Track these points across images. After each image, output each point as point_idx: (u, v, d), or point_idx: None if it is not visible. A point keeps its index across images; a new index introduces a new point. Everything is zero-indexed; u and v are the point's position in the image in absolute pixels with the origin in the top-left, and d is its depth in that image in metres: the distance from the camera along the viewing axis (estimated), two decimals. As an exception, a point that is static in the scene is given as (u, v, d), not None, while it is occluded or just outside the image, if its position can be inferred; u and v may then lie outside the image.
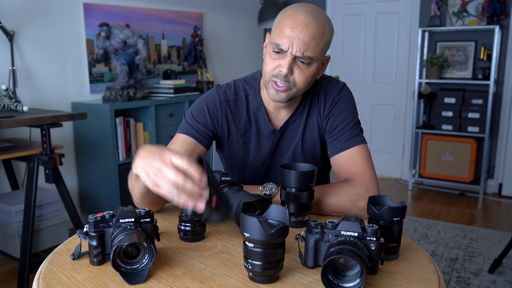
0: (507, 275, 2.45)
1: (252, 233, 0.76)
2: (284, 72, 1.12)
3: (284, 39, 1.11)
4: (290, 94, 1.18)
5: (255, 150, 1.33)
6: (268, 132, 1.31)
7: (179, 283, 0.80)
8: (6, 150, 2.17)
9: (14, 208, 2.29)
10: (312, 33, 1.10)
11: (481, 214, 3.49)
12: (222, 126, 1.29)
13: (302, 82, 1.16)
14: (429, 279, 0.83)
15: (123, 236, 0.80)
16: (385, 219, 0.90)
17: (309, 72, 1.15)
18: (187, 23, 3.82)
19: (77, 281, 0.81)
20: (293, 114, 1.29)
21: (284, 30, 1.11)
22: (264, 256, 0.77)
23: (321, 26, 1.12)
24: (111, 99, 2.97)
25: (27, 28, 2.71)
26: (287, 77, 1.14)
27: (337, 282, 0.77)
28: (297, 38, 1.10)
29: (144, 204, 1.09)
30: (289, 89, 1.16)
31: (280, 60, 1.14)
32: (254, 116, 1.30)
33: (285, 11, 1.16)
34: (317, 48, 1.12)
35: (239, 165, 1.36)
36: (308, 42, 1.10)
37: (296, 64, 1.14)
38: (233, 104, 1.30)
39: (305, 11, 1.12)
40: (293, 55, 1.11)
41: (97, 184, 2.99)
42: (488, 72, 3.72)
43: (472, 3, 3.80)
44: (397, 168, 4.44)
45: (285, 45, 1.11)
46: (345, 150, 1.22)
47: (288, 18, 1.12)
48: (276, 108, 1.28)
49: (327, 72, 4.62)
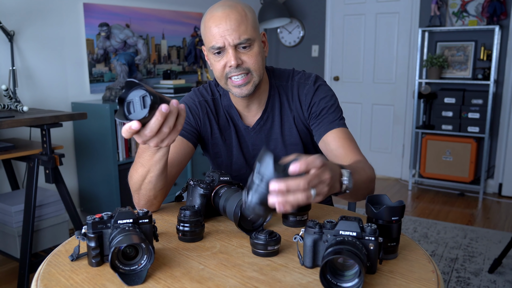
0: (507, 275, 2.45)
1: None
2: (234, 64, 1.16)
3: (216, 37, 1.16)
4: (252, 83, 1.21)
5: (237, 147, 1.35)
6: (244, 129, 1.33)
7: (178, 283, 0.80)
8: (6, 150, 2.17)
9: (14, 208, 2.29)
10: (235, 19, 1.15)
11: (481, 214, 3.49)
12: (205, 125, 1.33)
13: (255, 64, 1.19)
14: (428, 278, 0.83)
15: (122, 237, 0.80)
16: (384, 218, 0.90)
17: (254, 52, 1.19)
18: (187, 23, 3.82)
19: (76, 282, 0.81)
20: (265, 111, 1.31)
21: (211, 31, 1.17)
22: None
23: (240, 10, 1.17)
24: (111, 99, 2.97)
25: (27, 28, 2.71)
26: (240, 66, 1.17)
27: (336, 282, 0.77)
28: (226, 30, 1.15)
29: (152, 191, 1.09)
30: (248, 77, 1.19)
31: (223, 59, 1.18)
32: (229, 114, 1.34)
33: (204, 17, 1.21)
34: (248, 29, 1.17)
35: (225, 164, 1.38)
36: (237, 28, 1.15)
37: (240, 52, 1.18)
38: (211, 103, 1.34)
39: (220, 6, 1.18)
40: (232, 45, 1.15)
41: (97, 184, 2.99)
42: (488, 72, 3.72)
43: (472, 3, 3.80)
44: (397, 168, 4.44)
45: (220, 42, 1.16)
46: (331, 130, 1.24)
47: (209, 20, 1.18)
48: (244, 106, 1.31)
49: (327, 72, 4.62)
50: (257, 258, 0.90)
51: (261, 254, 0.91)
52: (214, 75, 1.25)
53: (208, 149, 1.38)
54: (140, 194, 1.11)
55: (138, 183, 1.09)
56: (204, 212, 1.09)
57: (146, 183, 1.07)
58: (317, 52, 4.67)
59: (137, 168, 1.07)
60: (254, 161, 1.34)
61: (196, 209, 1.00)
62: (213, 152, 1.37)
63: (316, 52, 4.67)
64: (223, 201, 1.04)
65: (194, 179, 1.12)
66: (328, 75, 4.63)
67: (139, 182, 1.08)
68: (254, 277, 0.83)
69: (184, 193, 1.23)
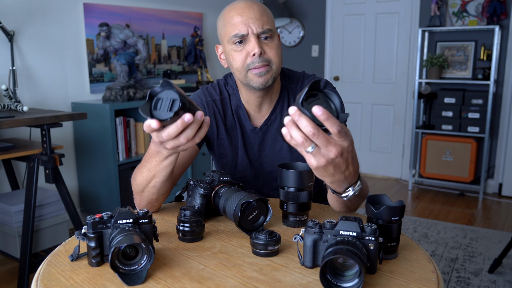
0: (507, 275, 2.45)
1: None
2: (257, 51, 1.16)
3: (239, 26, 1.16)
4: (272, 74, 1.20)
5: (242, 148, 1.34)
6: (250, 130, 1.32)
7: (178, 283, 0.80)
8: (6, 150, 2.17)
9: (14, 208, 2.29)
10: (258, 9, 1.17)
11: (481, 214, 3.49)
12: (211, 125, 1.32)
13: (275, 56, 1.19)
14: (428, 278, 0.83)
15: (122, 237, 0.80)
16: (384, 218, 0.90)
17: (276, 45, 1.20)
18: (187, 23, 3.82)
19: (76, 282, 0.80)
20: (273, 112, 1.31)
21: (233, 20, 1.17)
22: None
23: (261, 4, 1.20)
24: (111, 99, 2.97)
25: (27, 28, 2.71)
26: (262, 56, 1.17)
27: (336, 282, 0.77)
28: (250, 18, 1.15)
29: (155, 195, 1.10)
30: (269, 68, 1.19)
31: (245, 47, 1.18)
32: (236, 114, 1.33)
33: (223, 12, 1.22)
34: (270, 20, 1.18)
35: (229, 165, 1.37)
36: (260, 17, 1.16)
37: (262, 42, 1.18)
38: (219, 103, 1.32)
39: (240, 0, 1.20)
40: (256, 33, 1.16)
41: (97, 184, 2.99)
42: (488, 72, 3.72)
43: (472, 3, 3.80)
44: (397, 168, 4.44)
45: (244, 29, 1.16)
46: None
47: (230, 12, 1.18)
48: (256, 105, 1.29)
49: (327, 72, 4.62)
50: (257, 258, 0.90)
51: (261, 254, 0.91)
52: (233, 68, 1.23)
53: (213, 149, 1.37)
54: (142, 196, 1.11)
55: (141, 186, 1.08)
56: (204, 212, 1.09)
57: (150, 187, 1.07)
58: (317, 52, 4.67)
59: (142, 171, 1.06)
60: (258, 163, 1.35)
61: (196, 209, 1.00)
62: (218, 152, 1.36)
63: (316, 52, 4.67)
64: (223, 201, 1.04)
65: (194, 179, 1.12)
66: (328, 75, 4.63)
67: (143, 185, 1.08)
68: (254, 277, 0.83)
69: (184, 193, 1.23)
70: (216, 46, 1.29)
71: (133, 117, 3.13)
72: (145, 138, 3.16)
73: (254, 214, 1.00)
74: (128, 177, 3.12)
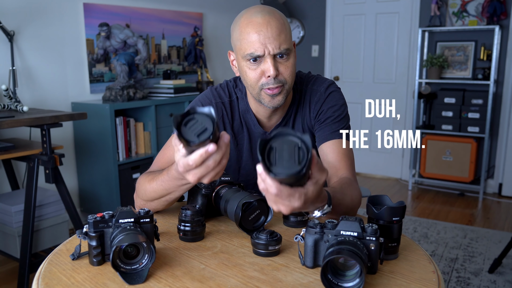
0: (507, 275, 2.45)
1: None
2: (273, 75, 1.11)
3: (256, 45, 1.10)
4: (284, 93, 1.17)
5: (248, 152, 1.32)
6: (259, 134, 1.30)
7: (179, 283, 0.80)
8: (6, 150, 2.17)
9: (14, 208, 2.29)
10: (276, 27, 1.10)
11: (481, 214, 3.49)
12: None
13: (290, 76, 1.16)
14: (429, 279, 0.83)
15: (123, 236, 0.80)
16: (385, 218, 0.90)
17: (291, 63, 1.15)
18: (187, 23, 3.82)
19: (77, 281, 0.81)
20: (284, 118, 1.29)
21: (250, 38, 1.11)
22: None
23: (279, 18, 1.13)
24: (111, 99, 2.97)
25: (27, 28, 2.71)
26: (277, 77, 1.13)
27: (337, 282, 0.77)
28: (267, 38, 1.10)
29: (163, 207, 1.11)
30: (282, 88, 1.15)
31: (260, 66, 1.13)
32: (243, 118, 1.30)
33: (239, 21, 1.15)
34: (287, 38, 1.13)
35: (233, 168, 1.35)
36: (277, 36, 1.10)
37: (278, 61, 1.13)
38: (228, 106, 1.30)
39: (259, 12, 1.12)
40: (272, 54, 1.11)
41: (97, 184, 2.99)
42: (488, 72, 3.72)
43: (472, 3, 3.80)
44: (397, 168, 4.44)
45: (260, 50, 1.10)
46: (330, 140, 1.21)
47: (247, 26, 1.12)
48: (266, 115, 1.27)
49: (327, 72, 4.62)
50: (258, 258, 0.91)
51: (262, 254, 0.91)
52: (246, 82, 1.19)
53: None
54: (149, 204, 1.10)
55: (150, 197, 1.07)
56: (205, 212, 1.09)
57: (163, 201, 1.06)
58: (317, 52, 4.67)
59: (155, 187, 1.04)
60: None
61: (197, 208, 1.00)
62: None
63: (316, 52, 4.67)
64: (224, 201, 1.04)
65: (195, 179, 1.11)
66: (328, 75, 4.63)
67: (153, 197, 1.07)
68: (255, 276, 0.83)
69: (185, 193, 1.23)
70: (229, 53, 1.25)
71: (133, 117, 3.13)
72: (145, 138, 3.16)
73: (255, 214, 1.00)
74: (128, 177, 3.13)
